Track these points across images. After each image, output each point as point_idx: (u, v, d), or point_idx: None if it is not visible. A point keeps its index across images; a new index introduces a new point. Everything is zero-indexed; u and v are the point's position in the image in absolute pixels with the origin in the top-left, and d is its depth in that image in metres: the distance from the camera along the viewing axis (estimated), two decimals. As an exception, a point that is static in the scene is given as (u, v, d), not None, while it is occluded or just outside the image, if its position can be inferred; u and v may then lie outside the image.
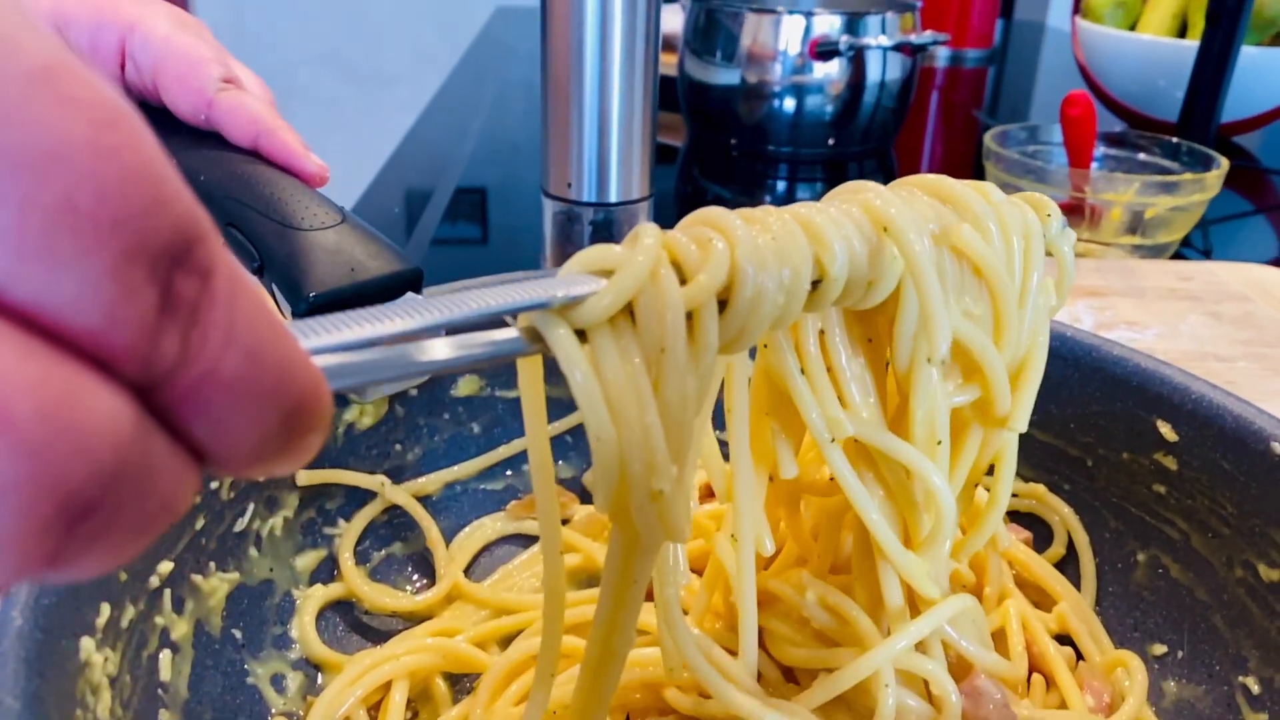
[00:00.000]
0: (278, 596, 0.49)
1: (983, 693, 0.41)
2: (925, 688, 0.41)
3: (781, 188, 1.19)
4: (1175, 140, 0.98)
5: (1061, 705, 0.45)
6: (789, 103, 1.17)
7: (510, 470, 0.58)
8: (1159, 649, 0.48)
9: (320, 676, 0.48)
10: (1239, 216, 1.16)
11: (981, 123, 1.52)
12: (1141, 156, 0.99)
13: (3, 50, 0.13)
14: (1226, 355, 0.72)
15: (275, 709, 0.45)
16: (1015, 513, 0.55)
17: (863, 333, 0.38)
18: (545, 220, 0.80)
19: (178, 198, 0.15)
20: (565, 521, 0.56)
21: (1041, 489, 0.54)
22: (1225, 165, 0.90)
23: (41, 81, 0.13)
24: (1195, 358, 0.71)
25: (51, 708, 0.32)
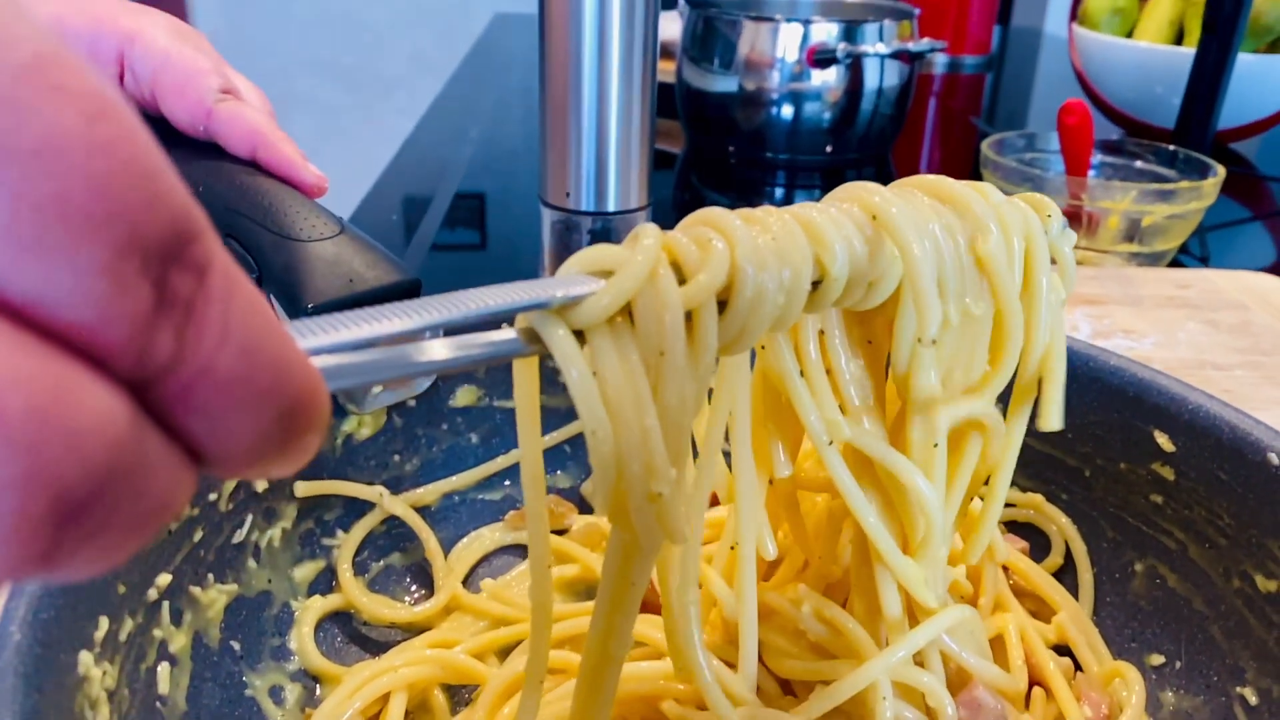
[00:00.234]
0: (276, 608, 0.49)
1: (981, 704, 0.41)
2: (923, 700, 0.41)
3: (780, 194, 1.19)
4: (1172, 148, 0.98)
5: (1059, 717, 0.45)
6: (787, 110, 1.17)
7: (509, 480, 0.58)
8: (1157, 659, 0.48)
9: (319, 688, 0.48)
10: (1236, 223, 1.16)
11: (979, 129, 1.52)
12: (1138, 164, 0.99)
13: None
14: (1224, 363, 0.72)
15: (273, 721, 0.45)
16: (1013, 522, 0.55)
17: (862, 334, 0.38)
18: (544, 229, 0.80)
19: (173, 192, 0.15)
20: (563, 532, 0.56)
21: (1039, 499, 0.54)
22: (1222, 173, 0.90)
23: (33, 72, 0.13)
24: (1192, 366, 0.71)
25: (50, 723, 0.32)
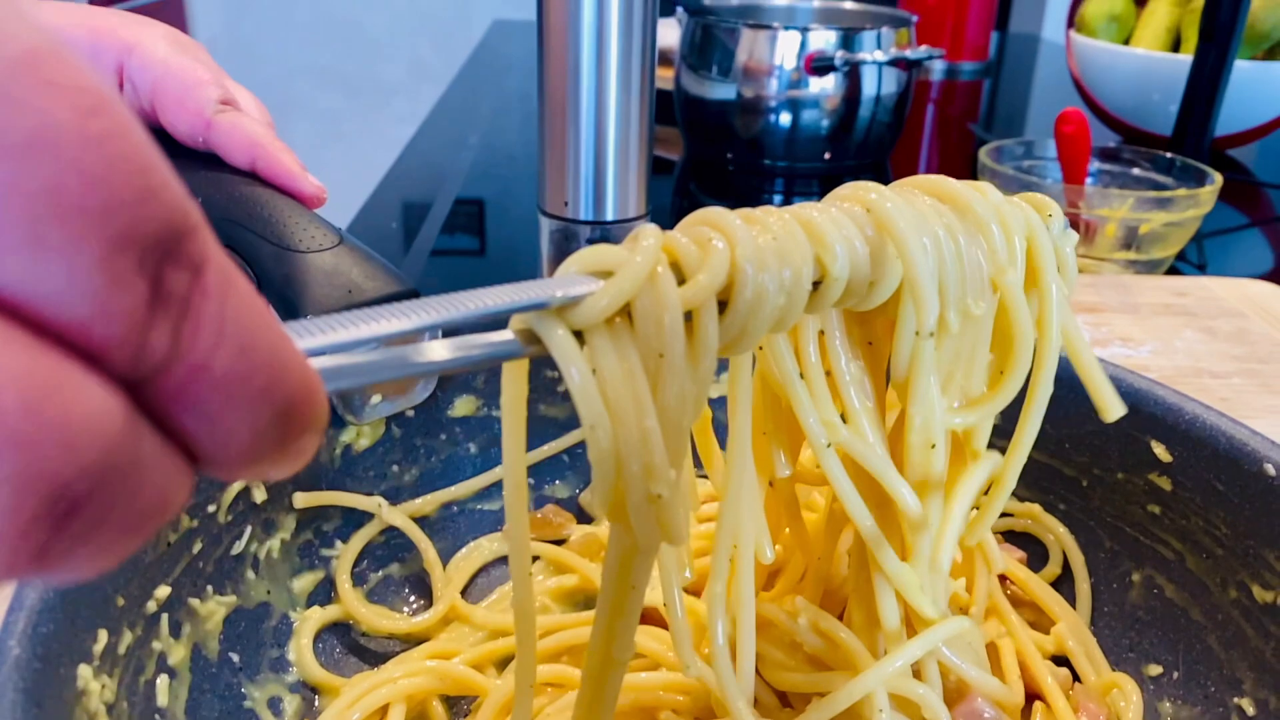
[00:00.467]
0: (275, 619, 0.49)
1: (980, 717, 0.41)
2: (920, 713, 0.41)
3: (778, 201, 1.19)
4: (1169, 155, 0.98)
5: (1057, 727, 0.46)
6: (785, 117, 1.18)
7: (507, 490, 0.58)
8: (1154, 669, 0.48)
9: (317, 699, 0.48)
10: (1234, 230, 1.16)
11: (977, 136, 1.52)
12: (1136, 172, 0.99)
13: None
14: (1220, 372, 0.72)
15: (272, 733, 0.45)
16: (1010, 532, 0.55)
17: (863, 336, 0.38)
18: (542, 238, 0.80)
19: (168, 187, 0.14)
20: (561, 542, 0.57)
21: (1037, 508, 0.54)
22: (1219, 181, 0.91)
23: (27, 66, 0.13)
24: (1189, 374, 0.72)
25: (49, 738, 0.32)
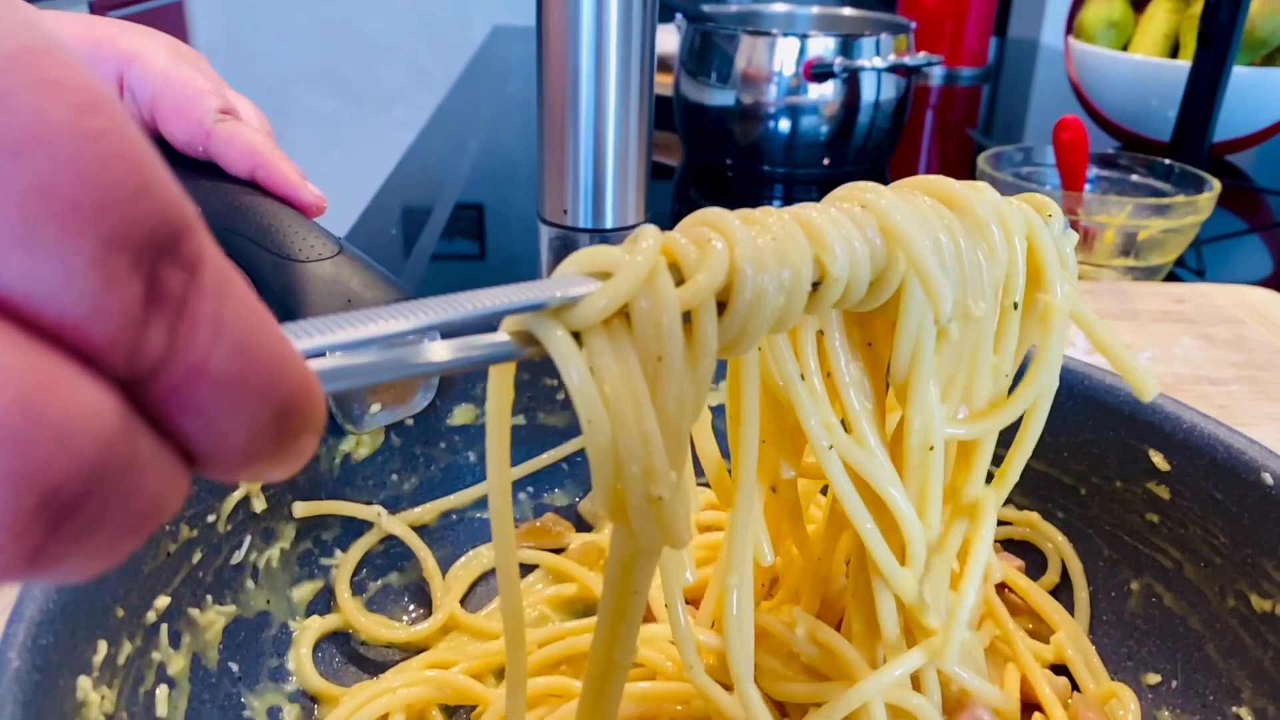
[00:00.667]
0: (274, 628, 0.49)
1: (977, 726, 0.41)
2: (919, 723, 0.41)
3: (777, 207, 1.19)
4: (1167, 162, 0.98)
5: (1055, 737, 0.46)
6: (784, 123, 1.18)
7: (506, 498, 0.58)
8: (1153, 678, 0.48)
9: (317, 709, 0.48)
10: (1232, 236, 1.16)
11: (976, 141, 1.52)
12: (1134, 178, 0.99)
13: None
14: (1219, 378, 0.72)
15: (272, 742, 0.45)
16: (1009, 540, 0.56)
17: (862, 337, 0.38)
18: (541, 246, 0.81)
19: (164, 186, 0.14)
20: (560, 550, 0.57)
21: (1035, 517, 0.54)
22: (1217, 187, 0.91)
23: (21, 64, 0.13)
24: (1188, 381, 0.72)
25: (48, 750, 0.32)
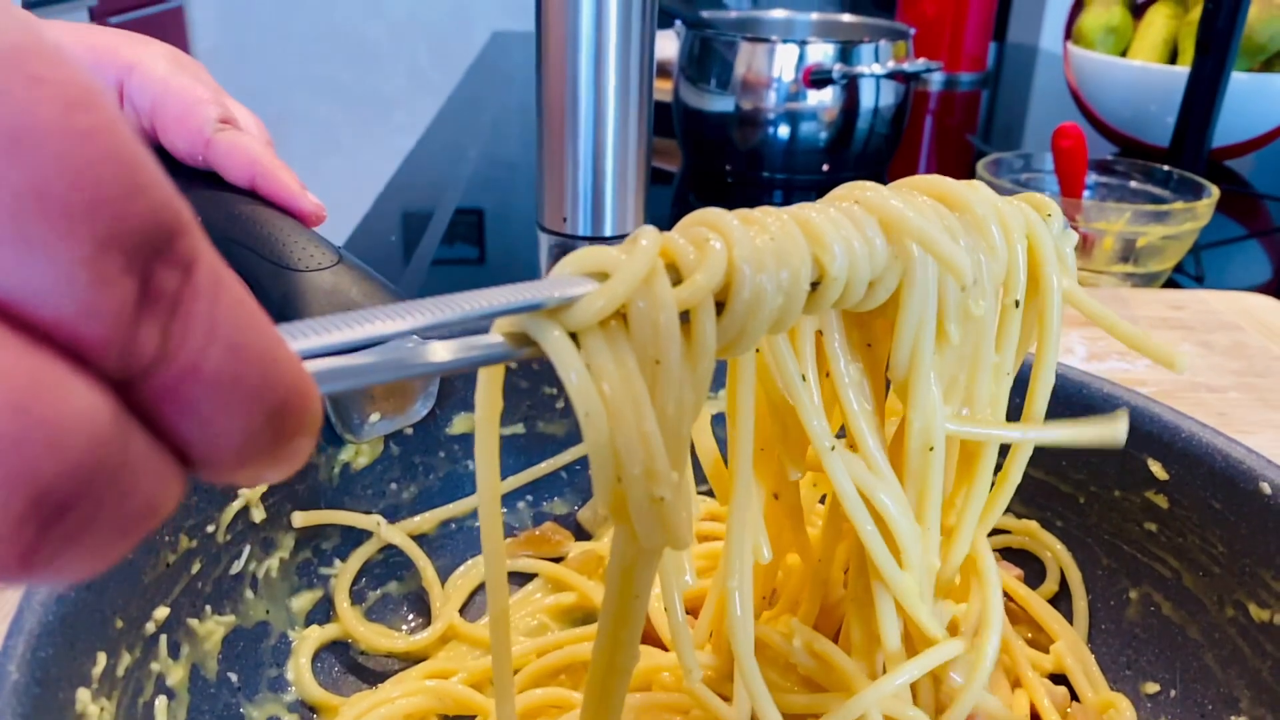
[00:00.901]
0: (274, 638, 0.49)
1: (976, 736, 0.41)
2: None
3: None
4: (1166, 168, 0.98)
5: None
6: (783, 130, 1.18)
7: (506, 508, 0.58)
8: (1152, 687, 0.48)
9: (316, 719, 0.48)
10: (1231, 241, 1.16)
11: (975, 147, 1.53)
12: (1133, 184, 1.00)
13: None
14: (1217, 385, 0.72)
15: (271, 752, 0.45)
16: (1008, 549, 0.56)
17: (861, 338, 0.38)
18: (541, 253, 0.81)
19: (156, 185, 0.14)
20: (560, 559, 0.57)
21: (1034, 525, 0.54)
22: (1216, 194, 0.91)
23: (11, 60, 0.13)
24: (1186, 388, 0.72)
25: (47, 763, 0.32)
